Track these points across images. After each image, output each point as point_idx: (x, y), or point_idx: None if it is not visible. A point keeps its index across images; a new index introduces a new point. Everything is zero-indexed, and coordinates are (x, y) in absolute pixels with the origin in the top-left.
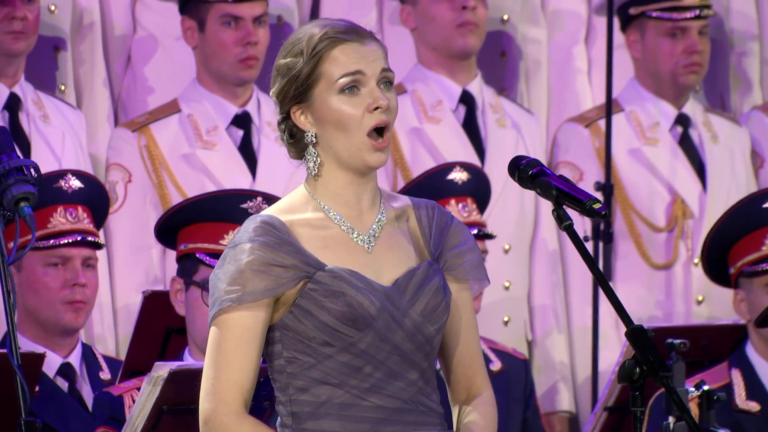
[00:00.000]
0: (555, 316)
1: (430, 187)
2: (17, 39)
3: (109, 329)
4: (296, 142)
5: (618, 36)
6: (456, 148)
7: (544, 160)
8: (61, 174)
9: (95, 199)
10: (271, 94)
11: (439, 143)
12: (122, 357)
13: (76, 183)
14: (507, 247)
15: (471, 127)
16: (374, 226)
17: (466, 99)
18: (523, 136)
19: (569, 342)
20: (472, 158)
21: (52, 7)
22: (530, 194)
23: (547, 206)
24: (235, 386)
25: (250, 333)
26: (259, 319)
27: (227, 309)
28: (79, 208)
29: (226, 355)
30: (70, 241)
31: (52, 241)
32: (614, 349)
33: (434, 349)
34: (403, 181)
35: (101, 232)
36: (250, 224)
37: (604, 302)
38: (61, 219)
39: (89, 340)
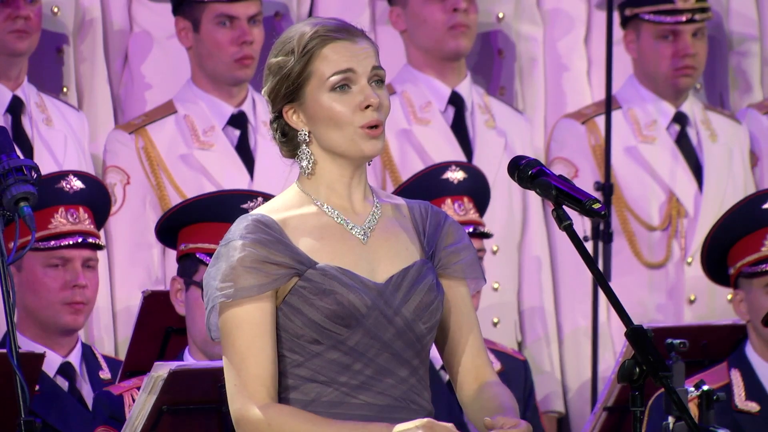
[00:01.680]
0: (545, 318)
1: (425, 186)
2: (20, 38)
3: (109, 331)
4: (288, 140)
5: (618, 32)
6: (444, 149)
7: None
8: (63, 175)
9: (96, 199)
10: (262, 93)
11: (428, 145)
12: (122, 358)
13: (77, 183)
14: (495, 248)
15: (459, 129)
16: (369, 218)
17: (455, 100)
18: (511, 137)
19: (559, 343)
20: (460, 159)
21: (55, 9)
22: (518, 195)
23: (535, 207)
24: (257, 380)
25: (260, 327)
26: (267, 311)
27: (228, 306)
28: (80, 209)
29: (241, 353)
30: (71, 242)
31: (52, 243)
32: (605, 349)
33: (425, 348)
34: (392, 183)
35: (101, 233)
36: (241, 222)
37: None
38: (62, 220)
39: (89, 342)
